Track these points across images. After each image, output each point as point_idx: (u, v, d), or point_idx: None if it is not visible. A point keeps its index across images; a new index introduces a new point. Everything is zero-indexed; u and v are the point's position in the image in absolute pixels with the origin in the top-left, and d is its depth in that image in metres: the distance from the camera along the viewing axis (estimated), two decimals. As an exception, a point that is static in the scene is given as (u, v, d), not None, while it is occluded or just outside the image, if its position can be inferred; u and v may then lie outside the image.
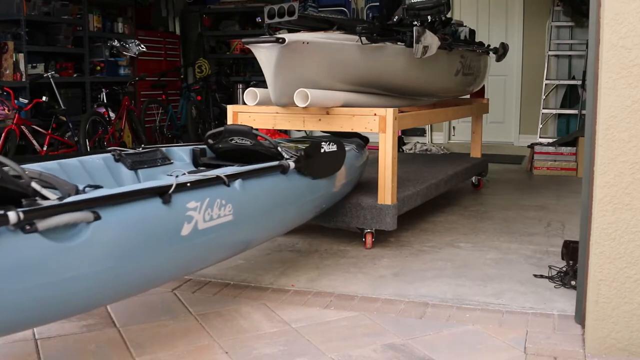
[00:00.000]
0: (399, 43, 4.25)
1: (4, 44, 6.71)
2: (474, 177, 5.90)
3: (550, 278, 3.32)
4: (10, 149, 6.14)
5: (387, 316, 2.88)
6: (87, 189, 2.38)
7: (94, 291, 2.14)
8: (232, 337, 2.65)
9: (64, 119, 6.87)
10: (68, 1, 7.52)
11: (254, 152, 3.30)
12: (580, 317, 2.71)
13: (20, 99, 6.58)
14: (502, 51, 5.90)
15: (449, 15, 5.10)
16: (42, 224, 1.90)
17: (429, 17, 4.35)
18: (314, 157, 3.30)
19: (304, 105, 3.72)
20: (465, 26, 5.69)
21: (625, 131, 2.37)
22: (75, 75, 7.71)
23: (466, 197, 5.64)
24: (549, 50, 8.22)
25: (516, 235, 4.26)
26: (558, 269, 3.38)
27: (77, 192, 2.28)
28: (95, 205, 2.09)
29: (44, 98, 6.57)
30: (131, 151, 3.11)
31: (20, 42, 6.81)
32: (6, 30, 6.91)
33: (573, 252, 3.20)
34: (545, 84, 8.17)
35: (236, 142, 3.37)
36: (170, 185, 2.36)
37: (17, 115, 6.27)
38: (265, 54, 3.56)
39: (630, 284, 2.43)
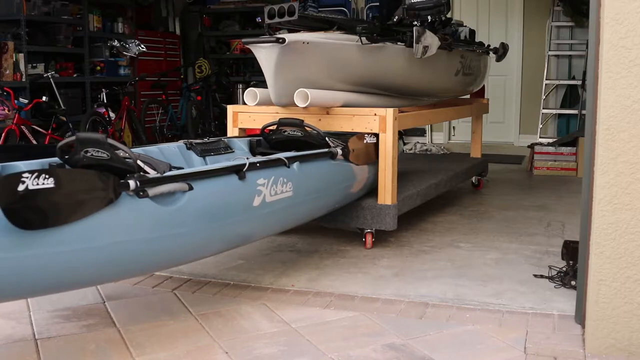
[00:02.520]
0: (399, 43, 4.25)
1: (4, 44, 6.71)
2: (474, 177, 5.90)
3: (550, 278, 3.32)
4: (10, 149, 6.13)
5: (387, 316, 2.88)
6: (172, 169, 2.77)
7: (187, 247, 2.63)
8: (232, 337, 2.65)
9: (64, 119, 6.87)
10: (68, 1, 7.52)
11: (305, 143, 3.65)
12: (580, 317, 2.71)
13: (20, 99, 6.57)
14: (502, 51, 5.89)
15: (449, 15, 5.10)
16: (152, 191, 2.39)
17: (429, 17, 4.35)
18: (358, 146, 3.75)
19: (304, 105, 3.72)
20: (465, 26, 5.69)
21: (625, 131, 2.37)
22: (75, 75, 7.71)
23: (466, 197, 5.64)
24: (549, 50, 8.21)
25: (516, 235, 4.26)
26: (558, 269, 3.38)
27: (171, 169, 2.66)
28: (189, 178, 2.59)
29: (44, 98, 6.56)
30: (199, 141, 3.51)
31: (20, 42, 6.80)
32: (6, 30, 6.90)
33: (573, 252, 3.20)
34: (545, 84, 8.16)
35: (288, 133, 3.69)
36: (244, 165, 2.87)
37: (17, 115, 6.27)
38: (265, 54, 3.56)
39: (630, 284, 2.43)
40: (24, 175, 1.90)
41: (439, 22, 4.52)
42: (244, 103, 4.11)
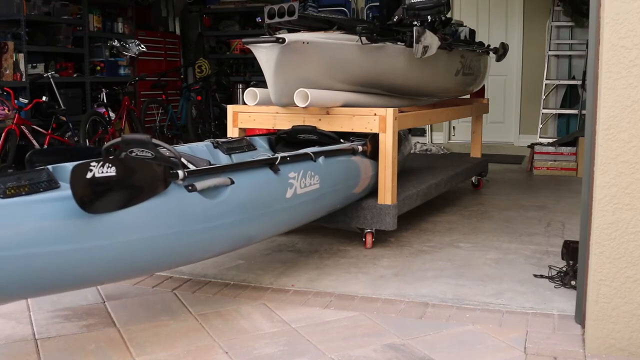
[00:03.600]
0: (399, 43, 4.25)
1: (4, 44, 6.71)
2: (474, 177, 5.90)
3: (550, 278, 3.32)
4: (10, 149, 6.13)
5: (387, 316, 2.88)
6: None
7: (231, 236, 2.84)
8: (232, 337, 2.65)
9: (64, 119, 6.87)
10: (68, 1, 7.52)
11: (320, 144, 3.82)
12: (580, 317, 2.71)
13: (20, 99, 6.57)
14: (502, 51, 5.90)
15: (449, 15, 5.10)
16: (199, 185, 2.59)
17: (429, 17, 4.34)
18: (376, 143, 3.95)
19: (304, 105, 3.72)
20: (465, 26, 5.69)
21: (625, 131, 2.37)
22: (75, 75, 7.71)
23: (466, 197, 5.64)
24: (549, 50, 8.22)
25: (516, 235, 4.26)
26: (558, 269, 3.38)
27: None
28: (229, 170, 2.84)
29: (44, 98, 6.56)
30: (225, 140, 3.70)
31: (20, 42, 6.80)
32: (6, 30, 6.91)
33: (573, 252, 3.20)
34: (545, 84, 8.16)
35: (304, 138, 3.90)
36: (277, 158, 3.11)
37: (17, 115, 6.26)
38: (265, 54, 3.56)
39: (630, 284, 2.43)
40: (92, 164, 2.16)
41: (439, 22, 4.52)
42: (244, 103, 4.11)
